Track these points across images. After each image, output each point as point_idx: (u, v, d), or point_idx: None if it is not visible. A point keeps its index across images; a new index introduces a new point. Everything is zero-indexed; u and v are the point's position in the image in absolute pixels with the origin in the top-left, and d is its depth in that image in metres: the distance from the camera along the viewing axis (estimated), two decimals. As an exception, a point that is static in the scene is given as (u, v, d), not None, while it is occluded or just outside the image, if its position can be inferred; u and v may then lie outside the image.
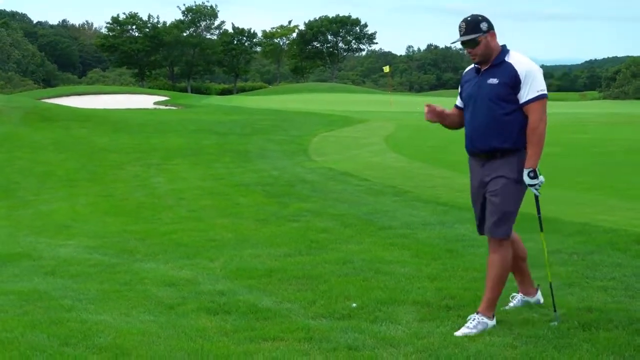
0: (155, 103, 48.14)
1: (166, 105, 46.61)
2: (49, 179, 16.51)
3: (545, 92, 4.64)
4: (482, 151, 4.79)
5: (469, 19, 4.73)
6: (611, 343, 4.39)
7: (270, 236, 8.39)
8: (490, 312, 4.78)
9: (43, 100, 41.52)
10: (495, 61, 4.73)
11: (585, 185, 12.94)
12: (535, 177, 4.69)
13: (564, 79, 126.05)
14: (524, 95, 4.61)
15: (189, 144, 21.48)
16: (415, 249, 7.40)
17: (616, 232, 7.78)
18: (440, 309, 5.22)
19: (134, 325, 4.86)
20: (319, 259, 6.94)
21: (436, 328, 4.78)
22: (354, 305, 5.34)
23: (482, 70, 4.79)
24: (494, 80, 4.68)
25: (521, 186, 4.75)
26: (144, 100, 49.06)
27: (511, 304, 5.23)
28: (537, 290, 5.30)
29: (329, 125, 27.05)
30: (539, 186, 4.75)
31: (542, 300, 5.26)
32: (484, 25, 4.68)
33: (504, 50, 4.75)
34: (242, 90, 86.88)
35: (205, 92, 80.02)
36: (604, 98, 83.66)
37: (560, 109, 52.25)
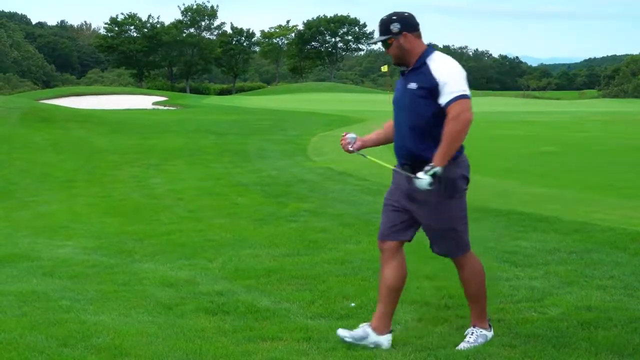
0: (153, 103, 48.18)
1: (165, 106, 46.64)
2: (47, 180, 16.49)
3: (466, 92, 4.22)
4: (405, 162, 4.41)
5: (383, 18, 4.35)
6: (610, 342, 4.39)
7: (269, 236, 8.38)
8: (484, 322, 4.54)
9: (41, 101, 41.51)
10: (416, 64, 4.32)
11: (584, 183, 12.94)
12: (429, 177, 4.19)
13: (562, 78, 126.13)
14: (443, 99, 4.21)
15: (188, 144, 21.47)
16: (414, 248, 7.38)
17: (615, 231, 7.78)
18: (439, 308, 5.22)
19: (132, 325, 4.85)
20: (318, 259, 6.94)
21: (435, 327, 4.78)
22: (353, 304, 5.34)
23: (405, 73, 4.40)
24: (412, 85, 4.30)
25: (459, 201, 4.46)
26: (143, 101, 49.11)
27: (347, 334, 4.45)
28: (388, 332, 4.49)
29: (327, 125, 27.05)
30: (427, 183, 4.19)
31: (385, 346, 4.40)
32: (395, 27, 4.27)
33: (426, 52, 4.31)
34: (241, 90, 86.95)
35: (204, 92, 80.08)
36: (603, 96, 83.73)
37: (559, 107, 52.30)
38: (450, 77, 4.22)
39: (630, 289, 5.61)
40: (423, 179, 4.20)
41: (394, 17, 4.32)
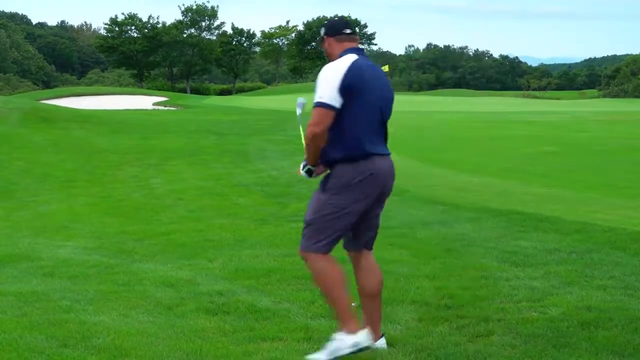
0: (154, 104, 48.19)
1: (165, 106, 46.66)
2: (47, 180, 16.50)
3: (321, 100, 4.08)
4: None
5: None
6: (610, 342, 4.39)
7: (269, 236, 8.38)
8: (346, 326, 4.16)
9: (42, 102, 41.52)
10: None
11: (584, 183, 12.94)
12: (304, 172, 4.42)
13: (563, 77, 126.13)
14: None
15: (188, 145, 21.48)
16: (414, 248, 7.40)
17: (615, 231, 7.78)
18: (439, 308, 5.21)
19: (132, 326, 4.85)
20: (318, 259, 6.92)
21: (435, 327, 4.77)
22: (354, 304, 5.33)
23: None
24: None
25: (329, 200, 4.21)
26: (143, 101, 49.13)
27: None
28: (380, 337, 4.40)
29: (328, 125, 27.00)
30: (304, 177, 4.45)
31: (364, 342, 4.22)
32: (321, 31, 4.42)
33: (339, 56, 4.28)
34: (241, 90, 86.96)
35: (204, 92, 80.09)
36: (604, 96, 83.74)
37: (560, 107, 52.29)
38: (318, 83, 4.19)
39: (631, 289, 5.61)
40: (301, 173, 4.46)
41: (325, 22, 4.48)
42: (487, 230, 8.20)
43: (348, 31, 4.36)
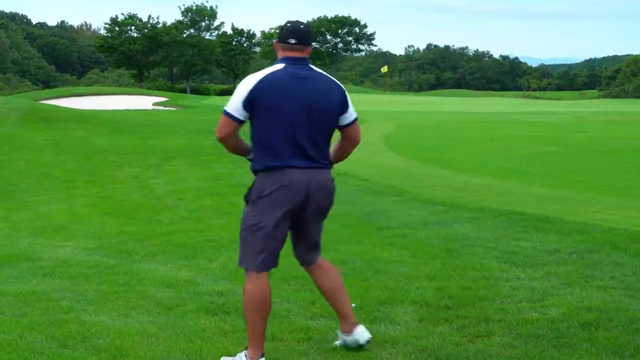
0: (154, 104, 48.18)
1: (165, 106, 46.65)
2: (47, 180, 16.50)
3: (226, 109, 4.18)
4: None
5: None
6: (611, 342, 4.38)
7: (269, 236, 8.36)
8: (251, 348, 4.16)
9: (42, 102, 41.52)
10: None
11: (585, 184, 12.95)
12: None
13: (563, 78, 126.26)
14: None
15: (188, 145, 21.47)
16: (414, 248, 7.39)
17: (616, 231, 7.77)
18: (439, 308, 5.21)
19: (132, 326, 4.85)
20: (318, 259, 6.92)
21: (435, 328, 4.77)
22: (353, 305, 5.32)
23: None
24: None
25: (251, 211, 4.25)
26: (143, 101, 49.12)
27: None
28: (354, 325, 4.42)
29: (328, 125, 27.01)
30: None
31: (362, 341, 4.37)
32: (276, 34, 4.43)
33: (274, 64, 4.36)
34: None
35: (204, 92, 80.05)
36: (604, 97, 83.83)
37: (560, 107, 52.30)
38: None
39: (631, 290, 5.60)
40: None
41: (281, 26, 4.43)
42: (487, 230, 8.20)
43: (292, 41, 4.25)
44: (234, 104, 4.17)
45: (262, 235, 4.21)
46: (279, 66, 4.23)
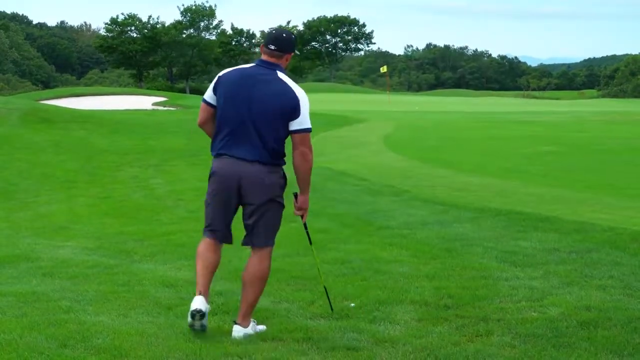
0: (153, 104, 48.12)
1: (165, 106, 46.59)
2: (47, 181, 16.49)
3: (203, 96, 4.87)
4: None
5: None
6: (610, 342, 4.39)
7: (269, 236, 8.36)
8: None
9: (42, 102, 41.49)
10: None
11: (584, 183, 12.95)
12: None
13: (562, 77, 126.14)
14: None
15: (188, 145, 21.45)
16: (414, 248, 7.40)
17: (615, 231, 7.78)
18: (439, 308, 5.22)
19: (132, 326, 4.85)
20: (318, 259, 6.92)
21: (434, 327, 4.78)
22: (353, 305, 5.34)
23: None
24: None
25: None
26: (143, 101, 49.04)
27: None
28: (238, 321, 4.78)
29: (327, 125, 27.01)
30: None
31: (234, 334, 4.68)
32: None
33: None
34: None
35: (204, 92, 79.98)
36: (603, 96, 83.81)
37: (559, 107, 52.30)
38: None
39: (630, 289, 5.62)
40: None
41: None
42: (487, 230, 8.21)
43: (272, 47, 4.69)
44: (208, 91, 4.80)
45: (208, 210, 4.88)
46: (251, 64, 4.70)
